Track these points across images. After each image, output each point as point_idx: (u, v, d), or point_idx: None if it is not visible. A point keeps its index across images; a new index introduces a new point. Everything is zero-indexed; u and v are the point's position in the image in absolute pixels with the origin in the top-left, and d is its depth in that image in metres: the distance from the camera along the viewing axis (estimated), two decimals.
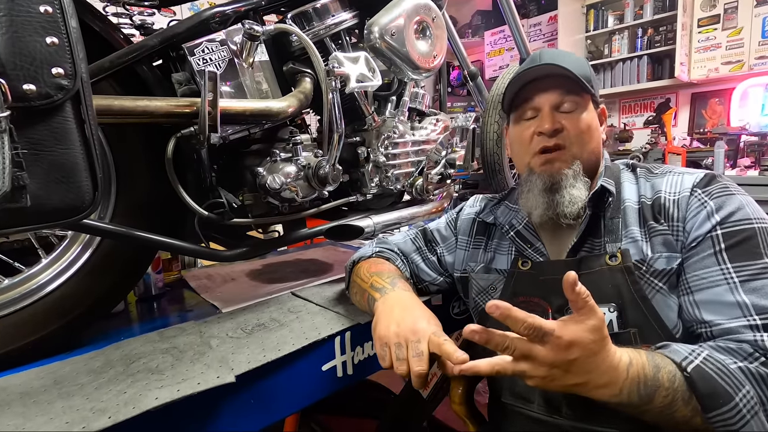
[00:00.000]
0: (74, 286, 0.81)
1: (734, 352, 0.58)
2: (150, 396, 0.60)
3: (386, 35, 0.96)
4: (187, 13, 2.78)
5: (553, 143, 0.75)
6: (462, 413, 0.94)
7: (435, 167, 1.28)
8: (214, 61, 0.86)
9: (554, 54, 0.77)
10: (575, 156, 0.76)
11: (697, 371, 0.55)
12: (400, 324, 0.67)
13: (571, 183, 0.74)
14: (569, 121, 0.75)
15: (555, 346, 0.52)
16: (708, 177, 0.70)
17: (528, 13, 4.40)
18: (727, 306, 0.61)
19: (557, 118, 0.76)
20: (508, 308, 0.53)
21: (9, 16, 0.51)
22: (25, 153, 0.53)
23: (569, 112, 0.76)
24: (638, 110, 4.06)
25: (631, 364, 0.55)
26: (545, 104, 0.76)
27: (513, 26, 1.61)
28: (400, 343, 0.64)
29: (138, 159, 0.85)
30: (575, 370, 0.53)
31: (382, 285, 0.79)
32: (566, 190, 0.74)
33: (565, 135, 0.76)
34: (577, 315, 0.53)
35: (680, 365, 0.56)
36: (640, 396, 0.54)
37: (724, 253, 0.63)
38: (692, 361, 0.56)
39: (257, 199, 0.95)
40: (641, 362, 0.56)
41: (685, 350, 0.58)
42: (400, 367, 0.63)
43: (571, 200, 0.74)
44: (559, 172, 0.75)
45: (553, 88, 0.76)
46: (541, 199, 0.76)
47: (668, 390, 0.55)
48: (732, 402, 0.54)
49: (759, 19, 3.23)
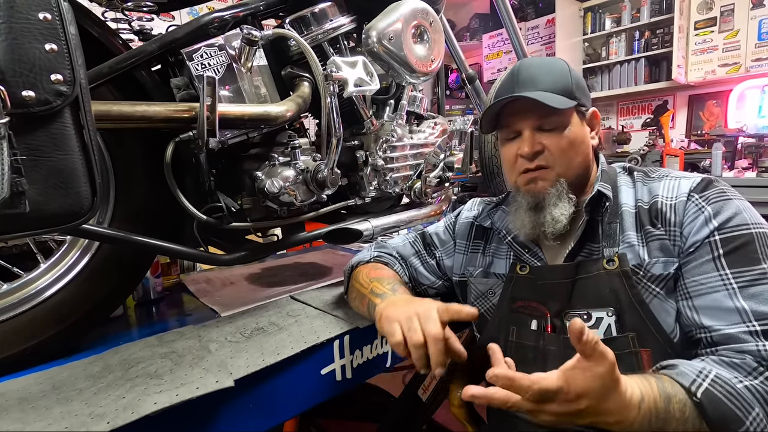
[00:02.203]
0: (73, 290, 0.81)
1: (739, 368, 0.58)
2: (149, 401, 0.60)
3: (384, 39, 0.96)
4: (186, 18, 2.79)
5: (535, 165, 0.75)
6: (461, 416, 0.94)
7: (433, 170, 1.28)
8: (212, 66, 0.86)
9: (532, 73, 0.75)
10: (560, 174, 0.75)
11: (707, 396, 0.55)
12: (408, 304, 0.68)
13: (554, 202, 0.74)
14: (551, 141, 0.74)
15: (564, 402, 0.52)
16: (705, 182, 0.70)
17: (525, 17, 4.42)
18: (727, 312, 0.61)
19: (538, 140, 0.74)
20: (510, 378, 0.52)
21: (8, 23, 0.51)
22: (24, 159, 0.53)
23: (551, 130, 0.74)
24: (636, 112, 4.08)
25: (643, 400, 0.54)
26: (525, 127, 0.75)
27: (510, 29, 1.62)
28: (410, 316, 0.64)
29: (136, 164, 0.85)
30: (585, 415, 0.53)
31: (382, 291, 0.79)
32: (548, 210, 0.74)
33: (547, 155, 0.74)
34: (586, 361, 0.52)
35: (690, 390, 0.56)
36: (651, 427, 0.54)
37: (723, 259, 0.63)
38: (701, 385, 0.56)
39: (256, 203, 0.95)
40: (653, 396, 0.55)
41: (692, 372, 0.57)
42: (414, 336, 0.61)
43: (554, 219, 0.73)
44: (543, 191, 0.75)
45: (531, 111, 0.74)
46: (527, 219, 0.77)
47: (679, 420, 0.55)
48: (743, 427, 0.54)
49: (755, 21, 3.25)
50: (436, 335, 0.61)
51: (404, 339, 0.63)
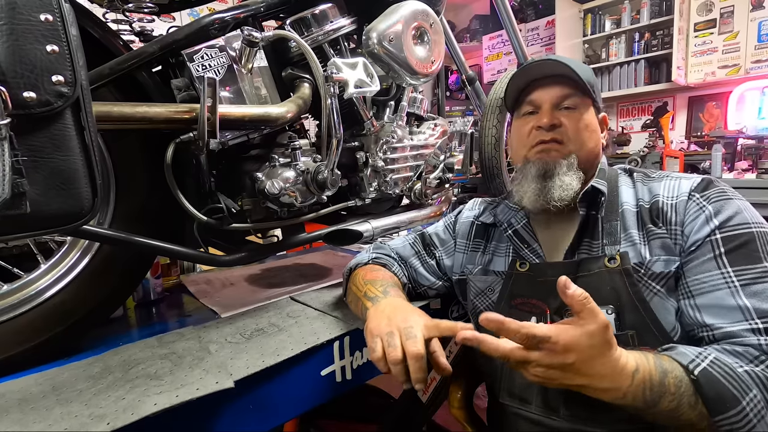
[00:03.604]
0: (73, 291, 0.81)
1: (740, 355, 0.58)
2: (149, 402, 0.60)
3: (384, 41, 0.97)
4: (187, 19, 2.79)
5: (550, 137, 0.77)
6: (461, 417, 0.94)
7: (433, 171, 1.28)
8: (213, 67, 0.86)
9: (560, 57, 0.78)
10: (572, 151, 0.77)
11: (704, 375, 0.55)
12: (392, 318, 0.67)
13: (564, 171, 0.75)
14: (568, 119, 0.77)
15: (550, 352, 0.53)
16: (705, 181, 0.71)
17: (525, 18, 4.43)
18: (729, 310, 0.61)
19: (556, 115, 0.77)
20: (501, 321, 0.53)
21: (10, 25, 0.51)
22: (25, 160, 0.53)
23: (569, 109, 0.77)
24: (636, 114, 4.08)
25: (638, 371, 0.55)
26: (546, 101, 0.78)
27: (510, 31, 1.62)
28: (392, 331, 0.63)
29: (137, 165, 0.85)
30: (574, 372, 0.53)
31: (374, 294, 0.79)
32: (558, 177, 0.75)
33: (563, 131, 0.77)
34: (578, 318, 0.53)
35: (687, 368, 0.56)
36: (645, 401, 0.55)
37: (724, 257, 0.64)
38: (699, 364, 0.56)
39: (256, 204, 0.95)
40: (648, 368, 0.55)
41: (692, 353, 0.58)
42: (393, 353, 0.60)
43: (562, 186, 0.74)
44: (554, 160, 0.76)
45: (556, 84, 0.78)
46: (534, 185, 0.77)
47: (674, 395, 0.55)
48: (739, 406, 0.54)
49: (755, 23, 3.25)
50: (416, 354, 0.59)
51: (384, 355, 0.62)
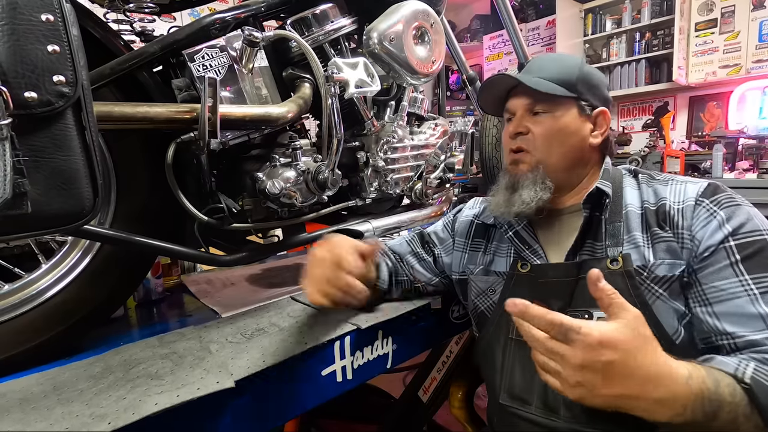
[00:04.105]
0: (74, 291, 0.81)
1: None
2: (150, 402, 0.60)
3: (385, 41, 0.97)
4: (188, 19, 2.79)
5: (516, 146, 0.79)
6: (461, 417, 0.94)
7: (434, 171, 1.28)
8: (213, 67, 0.86)
9: (540, 63, 0.81)
10: (539, 161, 0.77)
11: (755, 381, 0.53)
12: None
13: (527, 185, 0.76)
14: (537, 125, 0.77)
15: (583, 345, 0.48)
16: (712, 187, 0.70)
17: (526, 18, 4.43)
18: (750, 318, 0.60)
19: (525, 122, 0.78)
20: (526, 305, 0.51)
21: (11, 25, 0.51)
22: (26, 160, 0.53)
23: (539, 114, 0.78)
24: (636, 113, 4.08)
25: (691, 377, 0.50)
26: (519, 107, 0.80)
27: (511, 30, 1.62)
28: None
29: (138, 165, 0.85)
30: (614, 376, 0.49)
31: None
32: (519, 192, 0.77)
33: (529, 138, 0.78)
34: (606, 314, 0.51)
35: (736, 376, 0.53)
36: (705, 414, 0.50)
37: (741, 265, 0.63)
38: (745, 372, 0.54)
39: (257, 203, 0.95)
40: (700, 375, 0.51)
41: (733, 361, 0.56)
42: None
43: (522, 201, 0.76)
44: (522, 174, 0.78)
45: (524, 94, 0.79)
46: (501, 198, 0.80)
47: (731, 405, 0.51)
48: None
49: (756, 23, 3.25)
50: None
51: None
